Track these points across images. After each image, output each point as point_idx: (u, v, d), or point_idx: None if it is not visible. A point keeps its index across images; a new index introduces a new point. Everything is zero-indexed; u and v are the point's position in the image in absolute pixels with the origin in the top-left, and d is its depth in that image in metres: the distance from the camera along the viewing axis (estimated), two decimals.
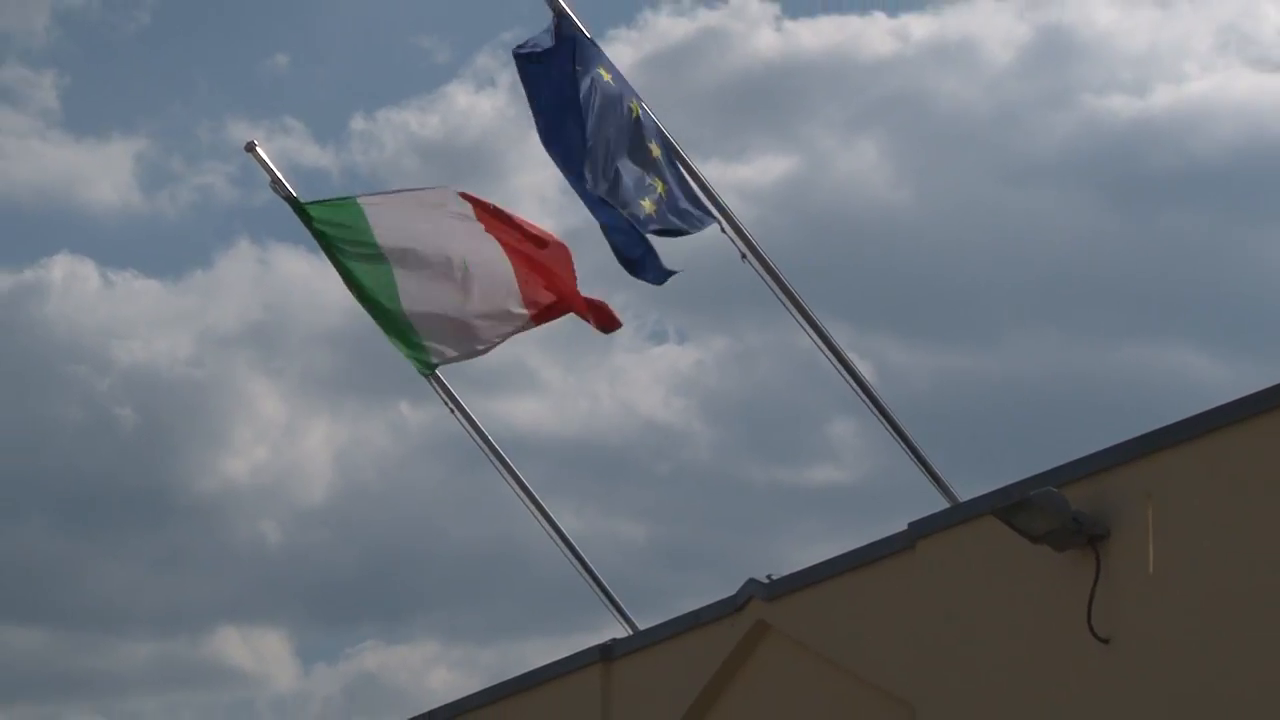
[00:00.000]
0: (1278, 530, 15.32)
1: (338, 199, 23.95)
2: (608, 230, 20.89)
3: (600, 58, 21.37)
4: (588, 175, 20.59)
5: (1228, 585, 15.58)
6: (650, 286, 20.70)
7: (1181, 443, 16.05)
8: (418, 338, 23.23)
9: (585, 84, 20.90)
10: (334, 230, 23.63)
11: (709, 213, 20.98)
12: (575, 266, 23.19)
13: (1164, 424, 16.28)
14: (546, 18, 21.10)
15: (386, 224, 23.56)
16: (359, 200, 23.82)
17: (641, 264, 20.77)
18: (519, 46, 21.46)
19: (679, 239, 20.85)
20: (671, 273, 20.93)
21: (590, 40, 21.28)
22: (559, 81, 21.03)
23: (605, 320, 23.21)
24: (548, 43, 21.20)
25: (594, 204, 20.95)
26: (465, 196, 23.68)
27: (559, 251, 23.29)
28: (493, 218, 23.47)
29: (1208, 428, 15.91)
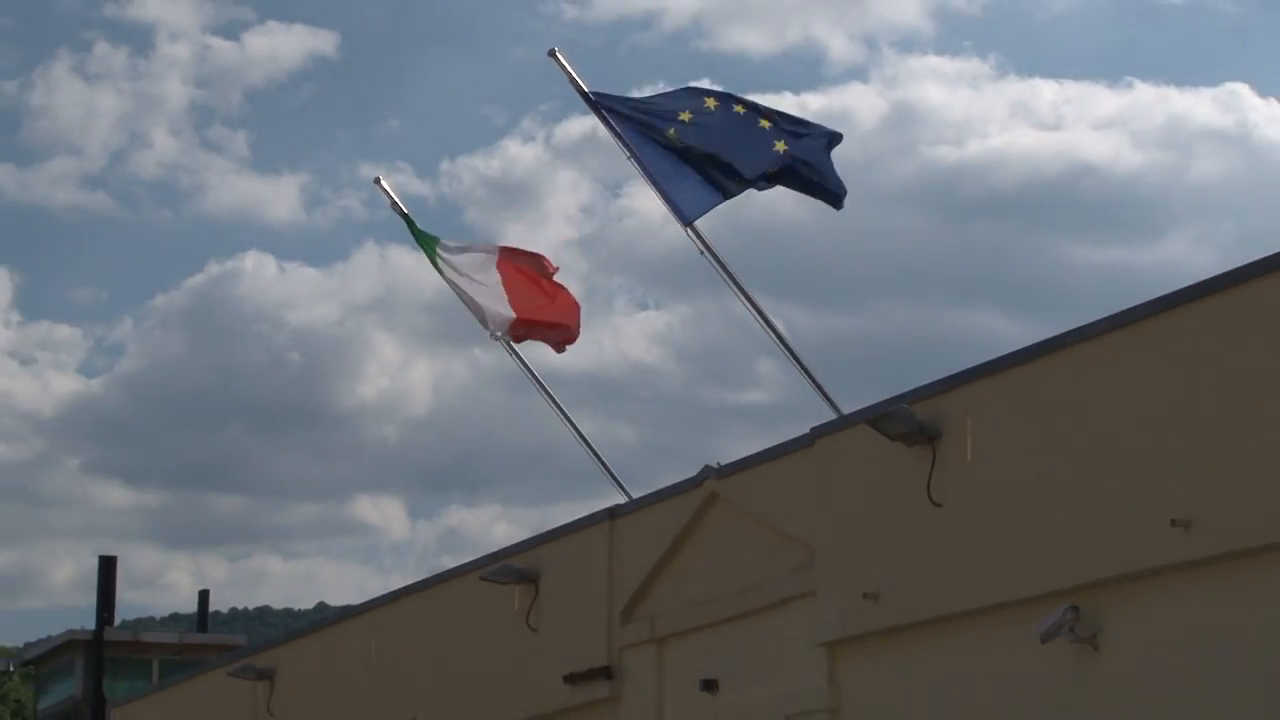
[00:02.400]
0: (1050, 433, 15.61)
1: (424, 236, 24.01)
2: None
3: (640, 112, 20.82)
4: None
5: (1018, 468, 15.85)
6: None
7: (988, 375, 16.31)
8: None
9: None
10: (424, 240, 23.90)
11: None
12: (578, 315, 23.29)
13: (976, 363, 16.55)
14: (572, 96, 21.10)
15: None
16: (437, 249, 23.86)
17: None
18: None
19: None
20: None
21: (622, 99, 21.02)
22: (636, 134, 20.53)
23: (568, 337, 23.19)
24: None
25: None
26: (502, 249, 23.53)
27: (564, 297, 23.28)
28: (509, 261, 23.32)
29: (1006, 366, 16.19)
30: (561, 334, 23.24)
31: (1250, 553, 13.92)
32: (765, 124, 20.36)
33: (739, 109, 20.48)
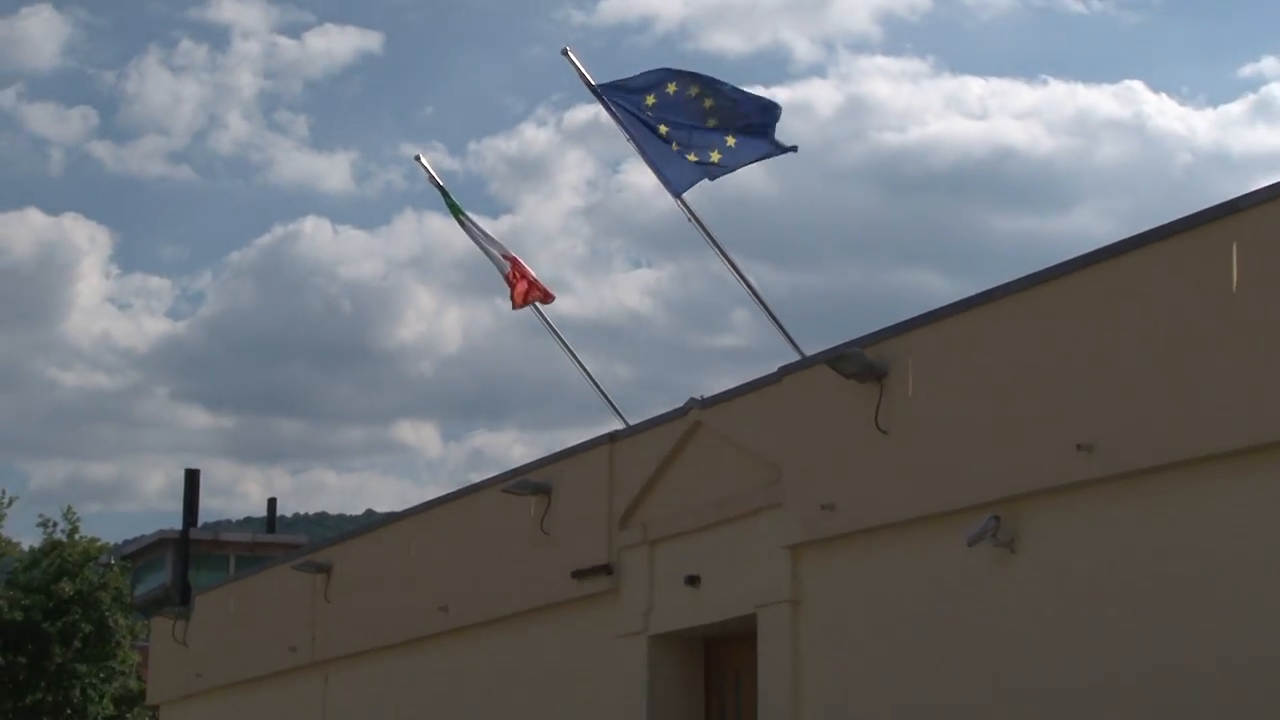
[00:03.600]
0: (977, 372, 15.65)
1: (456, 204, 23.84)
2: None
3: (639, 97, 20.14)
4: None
5: (950, 402, 15.88)
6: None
7: (926, 324, 16.31)
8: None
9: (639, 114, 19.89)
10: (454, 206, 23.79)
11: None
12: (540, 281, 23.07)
13: (916, 314, 16.55)
14: (579, 87, 20.82)
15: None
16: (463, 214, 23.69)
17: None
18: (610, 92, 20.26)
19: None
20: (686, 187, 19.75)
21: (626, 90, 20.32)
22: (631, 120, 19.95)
23: (544, 296, 23.03)
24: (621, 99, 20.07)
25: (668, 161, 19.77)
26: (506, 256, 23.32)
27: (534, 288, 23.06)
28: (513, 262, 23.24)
29: (941, 316, 16.20)
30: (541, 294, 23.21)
31: (1141, 473, 14.03)
32: (712, 122, 19.74)
33: (693, 91, 19.89)
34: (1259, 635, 13.04)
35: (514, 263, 23.09)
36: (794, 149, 19.70)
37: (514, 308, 23.00)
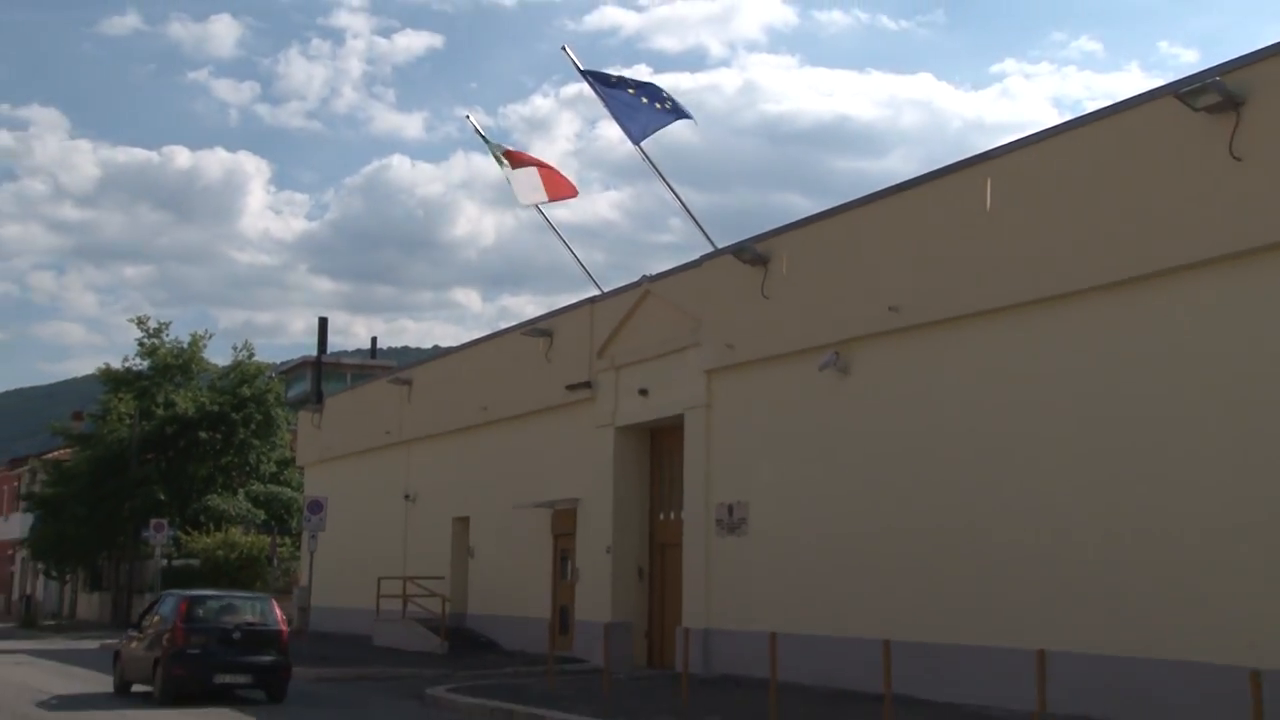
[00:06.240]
0: (827, 259, 15.59)
1: (494, 147, 23.13)
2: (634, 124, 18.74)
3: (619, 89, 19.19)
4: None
5: (810, 277, 15.73)
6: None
7: (795, 229, 16.21)
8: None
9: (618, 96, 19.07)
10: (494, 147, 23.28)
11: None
12: (567, 177, 21.77)
13: (788, 221, 16.46)
14: (571, 70, 20.35)
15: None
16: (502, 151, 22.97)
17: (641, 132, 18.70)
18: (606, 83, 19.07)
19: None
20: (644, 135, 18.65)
21: (612, 77, 19.49)
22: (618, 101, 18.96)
23: (567, 190, 21.74)
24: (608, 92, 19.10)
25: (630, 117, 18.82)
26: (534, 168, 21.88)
27: (558, 178, 21.87)
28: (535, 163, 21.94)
29: (805, 223, 16.11)
30: (566, 189, 22.34)
31: (928, 324, 14.16)
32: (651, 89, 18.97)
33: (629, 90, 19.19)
34: (1002, 438, 13.27)
35: (541, 166, 22.27)
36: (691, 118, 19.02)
37: (549, 199, 22.12)
